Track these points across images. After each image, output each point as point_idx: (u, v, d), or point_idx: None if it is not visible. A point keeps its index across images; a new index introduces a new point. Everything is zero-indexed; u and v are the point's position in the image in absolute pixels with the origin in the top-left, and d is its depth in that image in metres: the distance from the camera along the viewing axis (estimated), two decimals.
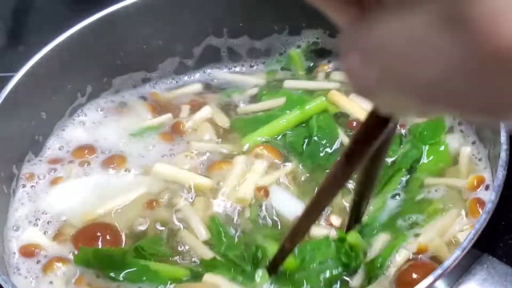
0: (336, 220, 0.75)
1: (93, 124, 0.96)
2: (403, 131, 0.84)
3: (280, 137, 0.84)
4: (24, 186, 0.88)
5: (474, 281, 0.65)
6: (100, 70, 0.98)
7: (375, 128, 0.43)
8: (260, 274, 0.69)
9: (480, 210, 0.71)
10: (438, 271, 0.61)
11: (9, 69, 0.92)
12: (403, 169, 0.78)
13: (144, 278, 0.72)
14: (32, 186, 0.87)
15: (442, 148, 0.80)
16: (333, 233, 0.72)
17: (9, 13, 1.24)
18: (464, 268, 0.66)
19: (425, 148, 0.81)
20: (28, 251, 0.79)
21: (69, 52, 0.90)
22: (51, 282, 0.75)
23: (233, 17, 0.99)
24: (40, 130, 0.92)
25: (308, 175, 0.81)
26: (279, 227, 0.77)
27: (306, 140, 0.83)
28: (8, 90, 0.83)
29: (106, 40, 0.94)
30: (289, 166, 0.81)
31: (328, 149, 0.82)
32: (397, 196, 0.77)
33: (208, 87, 1.01)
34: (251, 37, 1.01)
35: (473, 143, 0.82)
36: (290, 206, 0.78)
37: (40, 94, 0.90)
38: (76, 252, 0.77)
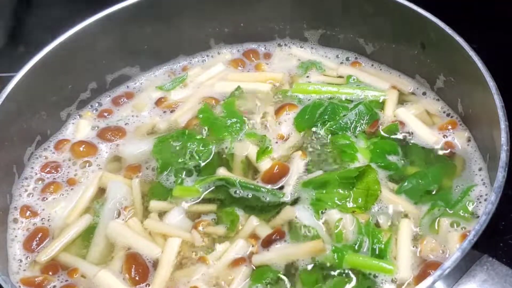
0: None
1: (94, 123, 0.96)
2: None
3: None
4: (24, 186, 0.88)
5: (474, 283, 0.65)
6: (100, 70, 0.98)
7: None
8: None
9: None
10: (438, 272, 0.61)
11: (9, 69, 0.92)
12: None
13: None
14: (33, 188, 0.88)
15: None
16: None
17: (9, 13, 1.24)
18: (463, 269, 0.66)
19: None
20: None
21: (69, 52, 0.90)
22: None
23: None
24: (40, 130, 0.92)
25: None
26: None
27: None
28: (9, 90, 0.83)
29: (106, 40, 0.94)
30: None
31: None
32: None
33: None
34: None
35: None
36: None
37: (40, 94, 0.90)
38: None
